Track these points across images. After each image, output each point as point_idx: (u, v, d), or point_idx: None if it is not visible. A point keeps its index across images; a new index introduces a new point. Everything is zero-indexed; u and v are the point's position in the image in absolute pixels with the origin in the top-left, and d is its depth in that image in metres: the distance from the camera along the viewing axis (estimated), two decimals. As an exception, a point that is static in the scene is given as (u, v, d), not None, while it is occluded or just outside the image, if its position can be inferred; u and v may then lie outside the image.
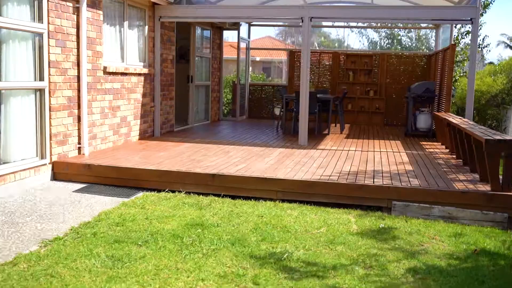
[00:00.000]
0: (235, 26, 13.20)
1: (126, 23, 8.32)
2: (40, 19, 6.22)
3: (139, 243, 4.29)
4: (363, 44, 33.96)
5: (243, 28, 13.87)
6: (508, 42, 32.42)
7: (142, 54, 8.99)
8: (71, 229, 4.66)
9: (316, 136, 10.25)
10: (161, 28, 9.35)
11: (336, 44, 41.95)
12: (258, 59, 31.19)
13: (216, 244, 4.29)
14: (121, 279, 3.55)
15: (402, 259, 4.14)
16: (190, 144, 8.50)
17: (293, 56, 14.27)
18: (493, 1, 14.56)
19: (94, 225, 4.76)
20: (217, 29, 12.83)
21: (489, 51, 29.60)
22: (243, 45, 14.07)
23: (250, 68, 15.08)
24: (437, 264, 4.06)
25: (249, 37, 14.38)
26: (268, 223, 4.97)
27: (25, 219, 4.93)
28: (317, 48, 31.81)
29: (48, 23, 6.31)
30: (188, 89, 11.35)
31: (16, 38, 5.95)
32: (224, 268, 3.81)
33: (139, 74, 8.74)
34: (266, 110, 14.51)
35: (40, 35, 6.24)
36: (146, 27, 8.97)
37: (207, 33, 12.36)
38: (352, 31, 33.01)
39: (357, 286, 3.58)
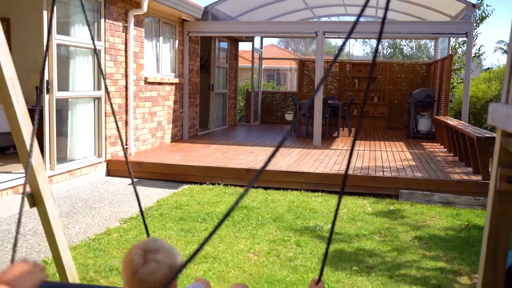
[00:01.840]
0: (250, 38, 14.32)
1: (161, 38, 9.43)
2: (99, 37, 7.33)
3: (199, 220, 5.36)
4: (366, 52, 35.12)
5: (256, 39, 14.97)
6: (505, 48, 33.59)
7: (173, 66, 10.09)
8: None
9: (327, 138, 11.32)
10: (188, 42, 10.45)
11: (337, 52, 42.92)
12: (263, 67, 32.28)
13: (261, 221, 5.36)
14: (196, 243, 4.63)
15: (410, 231, 5.22)
16: (217, 146, 9.58)
17: (303, 65, 15.37)
18: (489, 15, 15.70)
19: (157, 208, 5.84)
20: (234, 41, 13.94)
21: (484, 59, 30.78)
22: (255, 54, 15.16)
23: (259, 76, 16.18)
24: (437, 234, 5.13)
25: (261, 47, 15.48)
26: (298, 206, 6.04)
27: (99, 204, 6.02)
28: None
29: (105, 40, 7.41)
30: (208, 97, 12.45)
31: (81, 54, 7.06)
32: (272, 236, 4.89)
33: (171, 84, 9.84)
34: (276, 115, 15.60)
35: (98, 51, 7.35)
36: (176, 41, 10.08)
37: (224, 44, 13.47)
38: (356, 41, 34.20)
39: (376, 247, 4.65)
